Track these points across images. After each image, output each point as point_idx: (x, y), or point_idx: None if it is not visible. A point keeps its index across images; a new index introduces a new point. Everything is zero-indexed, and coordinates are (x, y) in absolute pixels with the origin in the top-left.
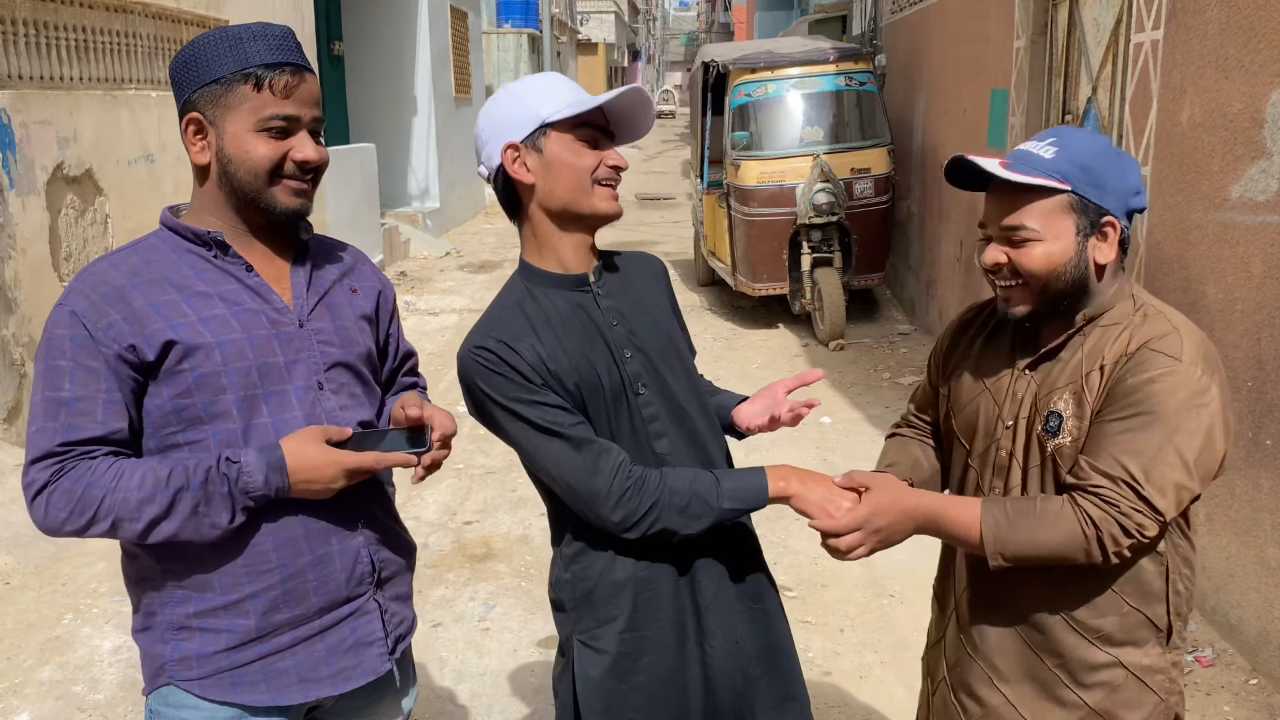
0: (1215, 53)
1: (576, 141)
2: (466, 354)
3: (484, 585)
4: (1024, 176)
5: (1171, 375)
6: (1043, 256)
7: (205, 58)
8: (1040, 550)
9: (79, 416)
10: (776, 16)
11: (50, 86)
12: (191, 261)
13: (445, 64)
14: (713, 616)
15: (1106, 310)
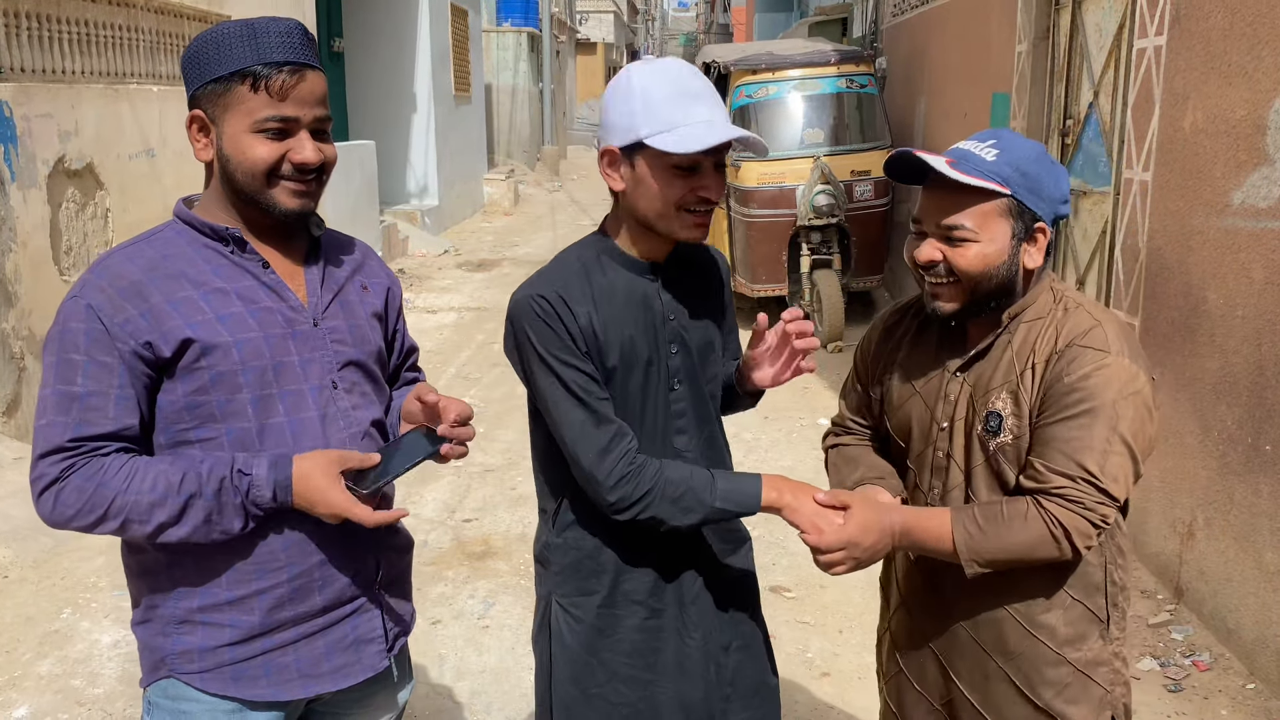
0: (1218, 59)
1: (668, 169)
2: (525, 299)
3: (483, 583)
4: (968, 177)
5: (1104, 368)
6: (977, 257)
7: (207, 55)
8: (1013, 553)
9: (91, 412)
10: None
11: (52, 80)
12: (208, 256)
13: (445, 62)
14: (694, 610)
15: (1029, 306)
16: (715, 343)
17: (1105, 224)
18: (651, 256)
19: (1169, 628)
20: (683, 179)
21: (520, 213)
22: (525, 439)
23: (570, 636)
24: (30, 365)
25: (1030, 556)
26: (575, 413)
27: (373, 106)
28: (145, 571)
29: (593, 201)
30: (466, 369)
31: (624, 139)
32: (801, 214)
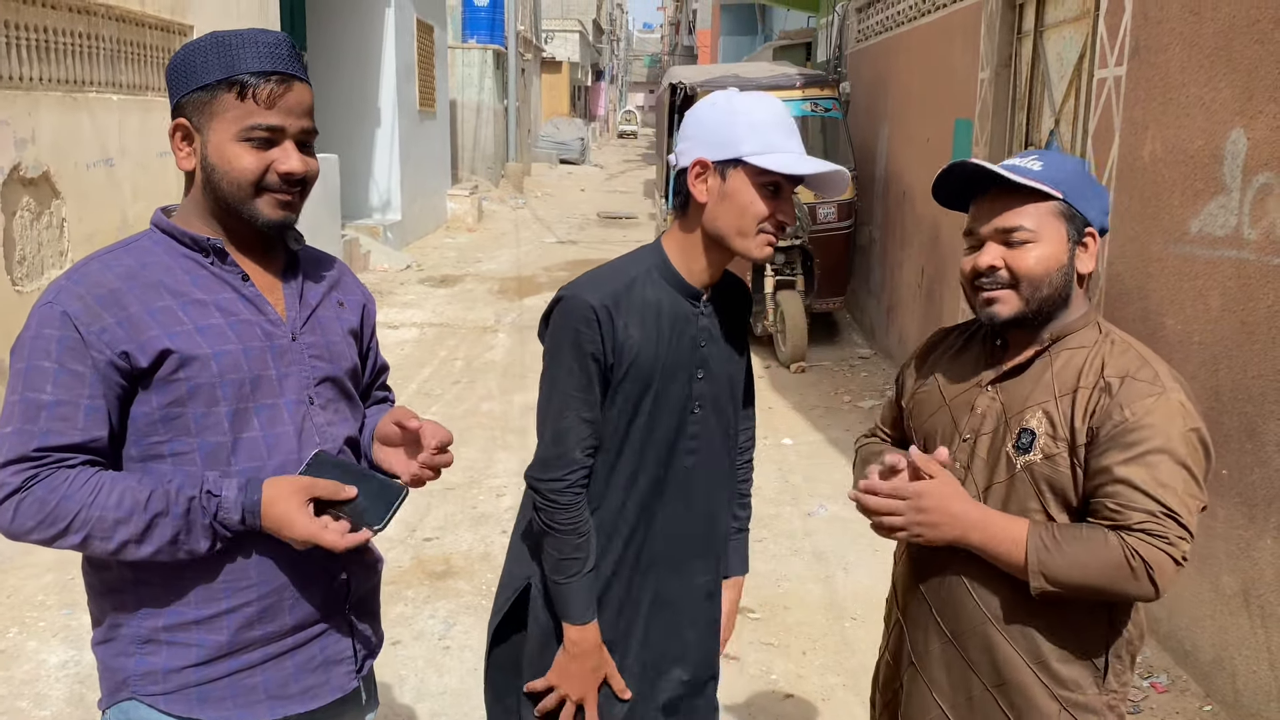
0: (1177, 90)
1: (759, 187)
2: (575, 298)
3: (444, 603)
4: (1025, 179)
5: (1165, 406)
6: (1038, 259)
7: (194, 63)
8: (1086, 576)
9: (58, 421)
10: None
11: (9, 86)
12: (187, 267)
13: (410, 77)
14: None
15: (1073, 333)
16: (738, 378)
17: None
18: (700, 282)
19: None
20: (768, 200)
21: (484, 229)
22: (487, 456)
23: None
24: None
25: (1104, 585)
26: (558, 411)
27: (336, 120)
28: (110, 590)
29: (556, 219)
30: (428, 385)
31: (721, 153)
32: None
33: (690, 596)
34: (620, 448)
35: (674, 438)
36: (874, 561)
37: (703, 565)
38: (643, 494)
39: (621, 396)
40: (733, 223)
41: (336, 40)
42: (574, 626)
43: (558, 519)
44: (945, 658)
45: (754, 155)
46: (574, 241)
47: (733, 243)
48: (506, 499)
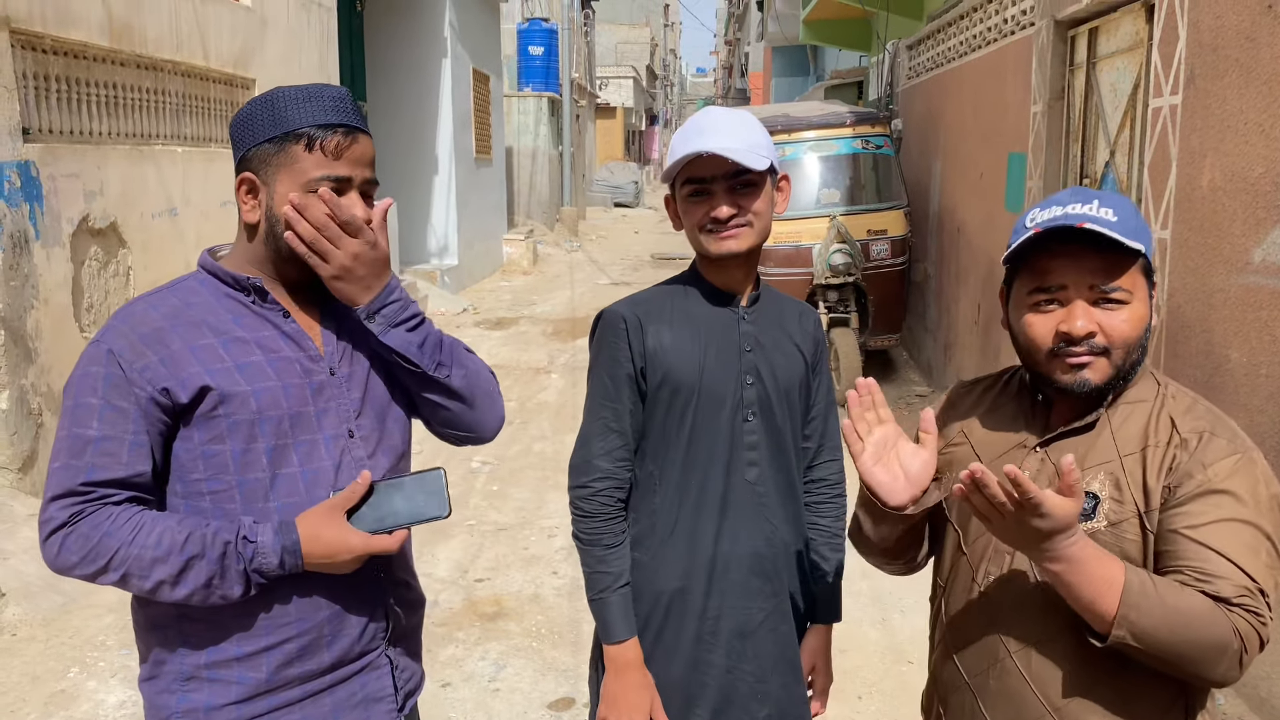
0: (1235, 117)
1: (684, 198)
2: (608, 311)
3: (494, 645)
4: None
5: (1249, 469)
6: (1133, 320)
7: (260, 117)
8: (1174, 639)
9: (103, 456)
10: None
11: (79, 141)
12: (230, 306)
13: (467, 125)
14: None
15: (1130, 387)
16: (797, 390)
17: None
18: (731, 288)
19: None
20: (696, 205)
21: (539, 272)
22: (539, 497)
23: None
24: (48, 422)
25: (1191, 655)
26: (592, 415)
27: (395, 167)
28: (154, 626)
29: (610, 260)
30: None
31: (668, 185)
32: (818, 273)
33: (754, 622)
34: (666, 456)
35: (729, 447)
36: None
37: (762, 587)
38: (703, 508)
39: (662, 403)
40: (689, 234)
41: (395, 91)
42: (611, 645)
43: (582, 528)
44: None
45: (667, 171)
46: (627, 283)
47: (698, 249)
48: (558, 539)
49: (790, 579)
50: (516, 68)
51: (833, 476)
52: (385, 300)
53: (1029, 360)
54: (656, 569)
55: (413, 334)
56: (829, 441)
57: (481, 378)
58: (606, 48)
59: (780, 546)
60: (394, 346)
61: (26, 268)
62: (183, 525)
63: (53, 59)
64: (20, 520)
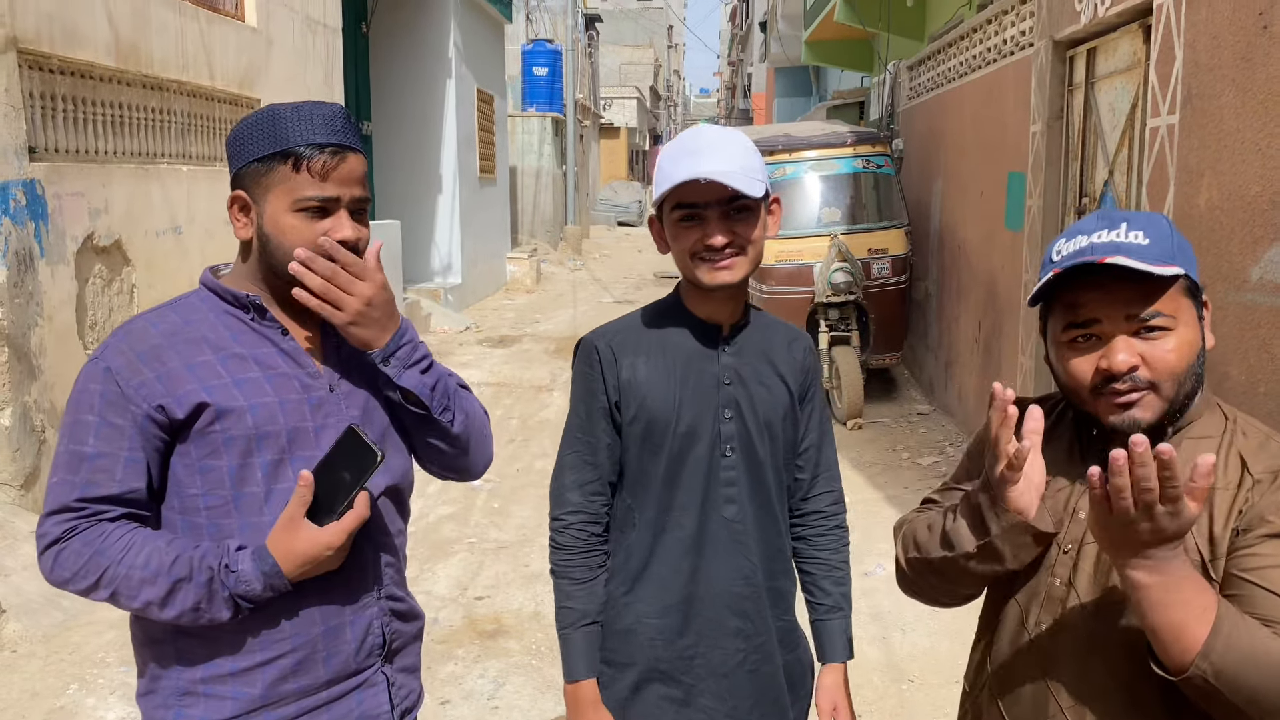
0: (1232, 136)
1: (675, 223)
2: (584, 341)
3: (494, 662)
4: (1158, 268)
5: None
6: (1179, 348)
7: (251, 136)
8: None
9: (98, 473)
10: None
11: (85, 159)
12: (229, 323)
13: (471, 145)
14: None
15: (1194, 421)
16: (779, 423)
17: None
18: (715, 319)
19: None
20: (687, 230)
21: (542, 290)
22: (539, 515)
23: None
24: (50, 439)
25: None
26: (565, 447)
27: (399, 187)
28: (151, 641)
29: (613, 279)
30: None
31: (655, 206)
32: (819, 291)
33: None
34: (642, 491)
35: (705, 483)
36: (932, 622)
37: (741, 626)
38: (678, 545)
39: (636, 437)
40: (677, 261)
41: (400, 110)
42: (569, 684)
43: (554, 559)
44: None
45: (658, 196)
46: (630, 301)
47: (688, 277)
48: None
49: (773, 617)
50: (521, 88)
51: (830, 509)
52: (399, 343)
53: (1075, 400)
54: (629, 606)
55: (425, 376)
56: (824, 472)
57: (477, 420)
58: (610, 68)
59: (759, 585)
60: (410, 388)
61: (31, 285)
62: (171, 547)
63: (59, 79)
64: (22, 537)
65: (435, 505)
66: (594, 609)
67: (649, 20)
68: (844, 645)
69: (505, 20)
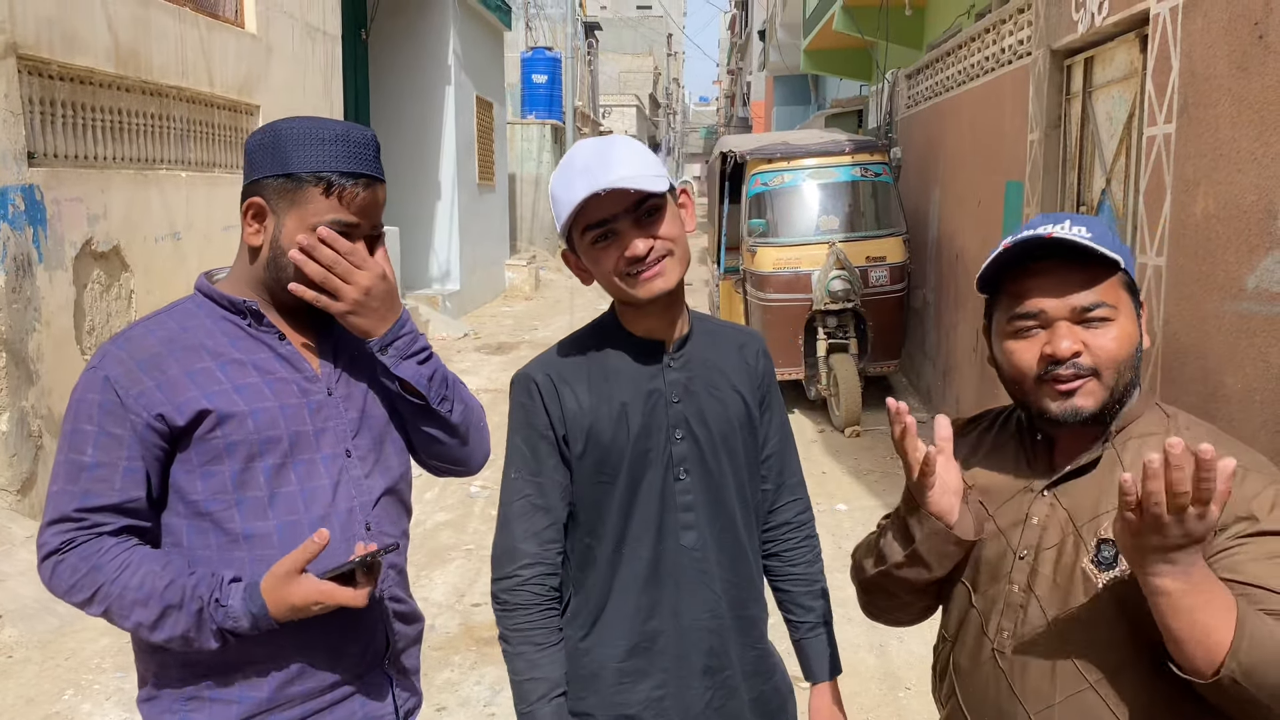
0: (1227, 145)
1: (590, 246)
2: (519, 375)
3: (490, 669)
4: (1102, 248)
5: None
6: (1119, 338)
7: (285, 150)
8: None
9: (97, 482)
10: (794, 111)
11: (84, 165)
12: (226, 329)
13: (470, 152)
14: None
15: (1135, 419)
16: (737, 436)
17: None
18: (655, 335)
19: None
20: (604, 250)
21: (540, 297)
22: None
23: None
24: (47, 444)
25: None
26: (510, 496)
27: (398, 193)
28: (155, 646)
29: None
30: None
31: (564, 234)
32: (817, 299)
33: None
34: (598, 527)
35: (659, 510)
36: (929, 630)
37: (707, 663)
38: (636, 581)
39: (587, 470)
40: (604, 282)
41: (399, 117)
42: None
43: (510, 624)
44: None
45: (560, 228)
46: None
47: (622, 296)
48: None
49: (744, 647)
50: (520, 95)
51: (799, 518)
52: (398, 333)
53: (1017, 392)
54: (590, 650)
55: (423, 367)
56: (788, 480)
57: (475, 413)
58: (610, 76)
59: (724, 616)
60: (406, 378)
61: (29, 290)
62: (166, 570)
63: (59, 84)
64: (18, 542)
65: (432, 512)
66: (561, 677)
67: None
68: (831, 662)
69: (505, 28)
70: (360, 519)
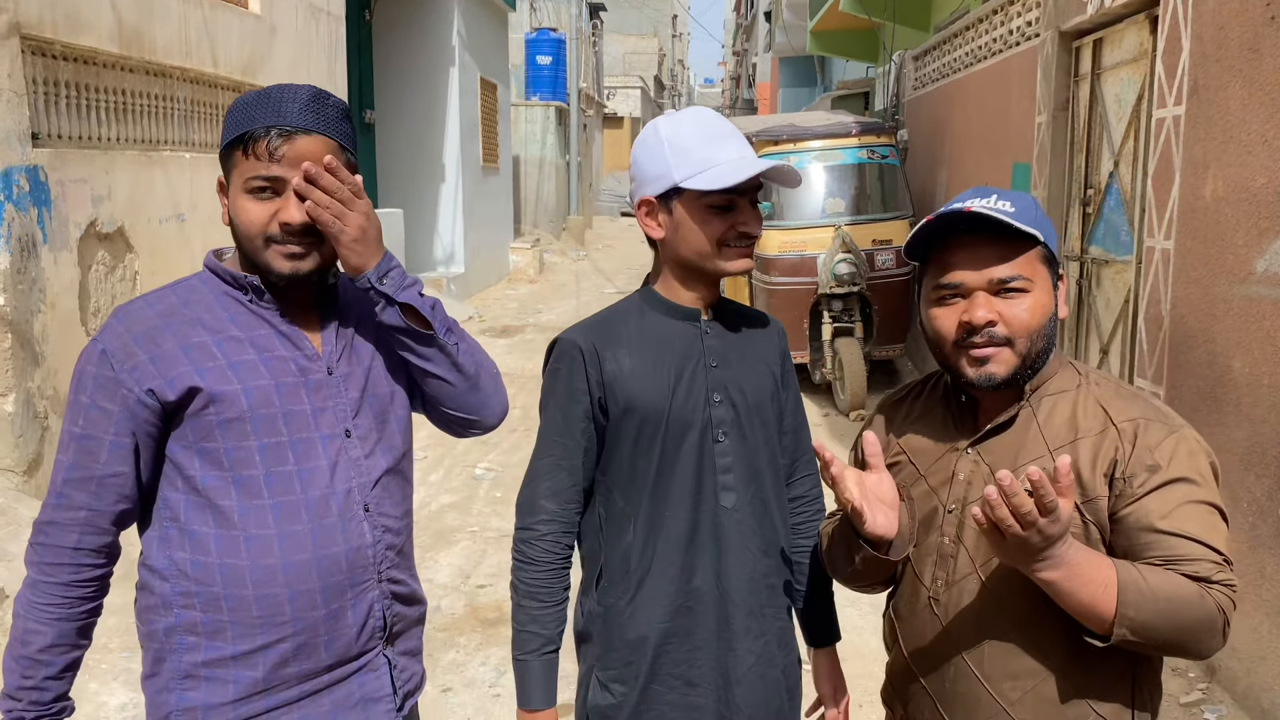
0: (1238, 127)
1: (705, 209)
2: (562, 339)
3: (495, 650)
4: (1018, 224)
5: (1186, 445)
6: (1035, 309)
7: (228, 121)
8: (1172, 625)
9: (85, 455)
10: (800, 93)
11: (88, 146)
12: (227, 304)
13: (474, 134)
14: (741, 691)
15: (1050, 378)
16: (768, 405)
17: (1128, 293)
18: (695, 304)
19: (1201, 707)
20: (720, 217)
21: (545, 280)
22: None
23: (612, 713)
24: (53, 425)
25: (1184, 640)
26: (541, 454)
27: (402, 176)
28: (153, 625)
29: (616, 270)
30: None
31: (660, 187)
32: (823, 282)
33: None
34: (635, 490)
35: (699, 471)
36: None
37: (749, 626)
38: (678, 542)
39: (627, 433)
40: (694, 248)
41: (403, 99)
42: (527, 712)
43: (522, 577)
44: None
45: (689, 179)
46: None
47: (704, 266)
48: None
49: (773, 617)
50: (524, 77)
51: (811, 493)
52: (390, 264)
53: (938, 355)
54: (634, 614)
55: (423, 298)
56: (802, 456)
57: (484, 356)
58: (614, 58)
59: (760, 578)
60: (411, 303)
61: (34, 271)
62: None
63: (62, 65)
64: (25, 523)
65: (438, 494)
66: (558, 635)
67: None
68: (833, 628)
69: (509, 8)
70: (359, 500)
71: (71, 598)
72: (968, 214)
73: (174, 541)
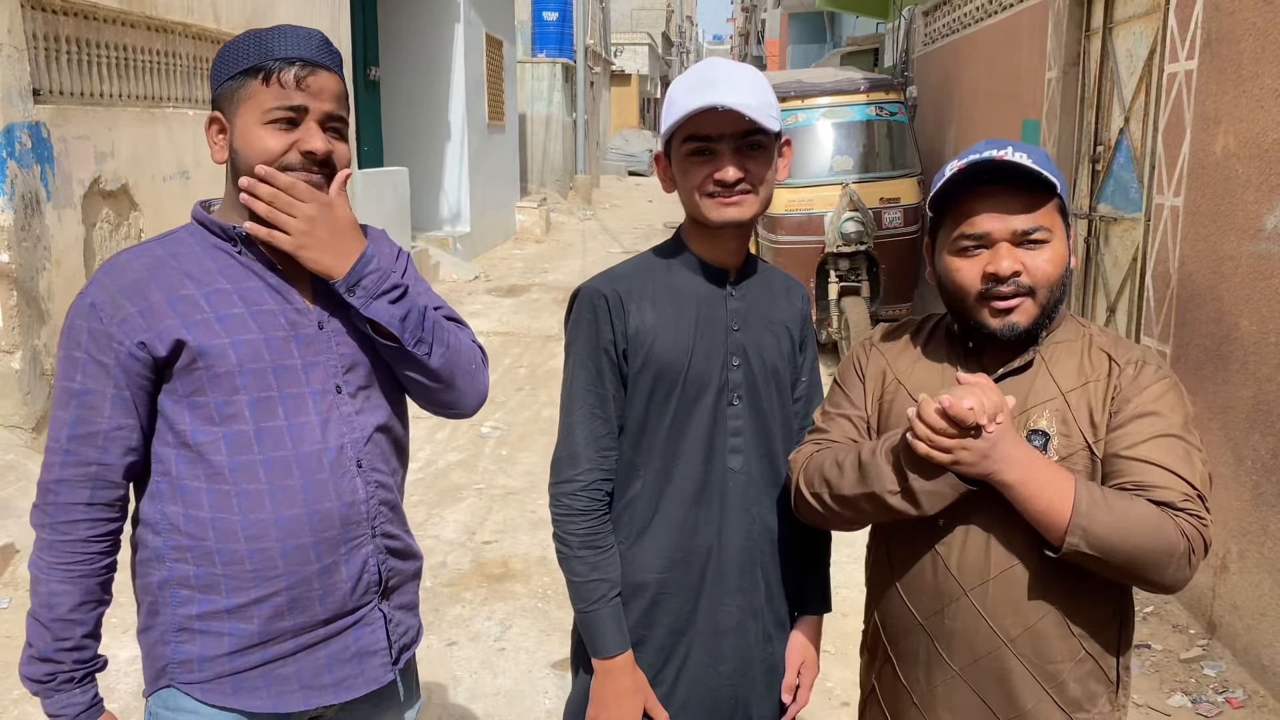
0: (1250, 82)
1: (686, 156)
2: (586, 288)
3: (501, 605)
4: (1046, 173)
5: (1174, 392)
6: (1055, 259)
7: (228, 56)
8: (1127, 543)
9: (87, 410)
10: (809, 49)
11: (90, 103)
12: (216, 256)
13: (480, 91)
14: (729, 642)
15: (1057, 328)
16: (783, 370)
17: (1136, 251)
18: (722, 263)
19: (1201, 663)
20: (699, 165)
21: (551, 240)
22: (547, 462)
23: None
24: None
25: (1142, 560)
26: (573, 406)
27: (408, 134)
28: (148, 578)
29: (623, 229)
30: (493, 392)
31: (663, 141)
32: (830, 241)
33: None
34: (645, 443)
35: (711, 432)
36: None
37: (741, 583)
38: (683, 498)
39: (643, 387)
40: (685, 198)
41: (408, 56)
42: (605, 659)
43: (571, 529)
44: (951, 695)
45: (665, 131)
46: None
47: (694, 214)
48: None
49: (771, 574)
50: (530, 33)
51: None
52: (362, 271)
53: (957, 306)
54: (633, 560)
55: (396, 306)
56: (812, 422)
57: (463, 356)
58: (622, 14)
59: (759, 539)
60: (379, 320)
61: (38, 229)
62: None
63: (63, 20)
64: (33, 479)
65: (444, 452)
66: (619, 578)
67: None
68: (825, 597)
69: None
70: (351, 455)
71: (91, 553)
72: (999, 161)
73: (166, 495)
